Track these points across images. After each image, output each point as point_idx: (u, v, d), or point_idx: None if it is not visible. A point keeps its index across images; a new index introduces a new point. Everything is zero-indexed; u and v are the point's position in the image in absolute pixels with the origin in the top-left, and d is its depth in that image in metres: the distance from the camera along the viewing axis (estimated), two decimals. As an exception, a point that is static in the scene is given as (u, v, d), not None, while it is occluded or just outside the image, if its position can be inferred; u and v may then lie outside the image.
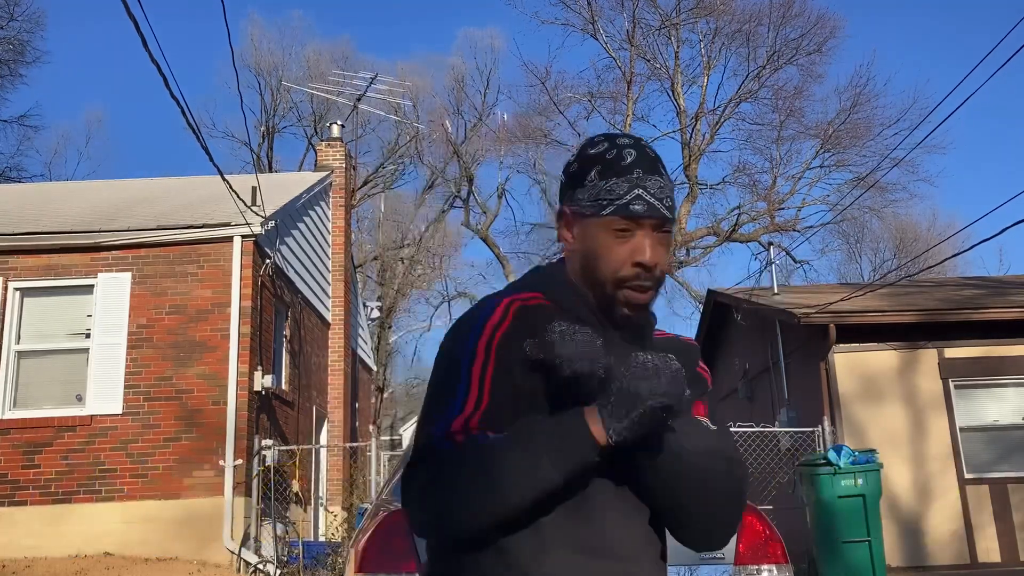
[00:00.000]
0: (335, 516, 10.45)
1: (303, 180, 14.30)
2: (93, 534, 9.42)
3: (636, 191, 1.43)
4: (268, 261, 10.84)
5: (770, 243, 18.66)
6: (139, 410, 9.87)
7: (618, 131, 1.62)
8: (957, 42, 54.78)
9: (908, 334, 11.48)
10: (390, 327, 30.35)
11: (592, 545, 1.40)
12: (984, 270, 44.47)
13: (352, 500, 10.66)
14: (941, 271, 23.70)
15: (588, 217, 1.46)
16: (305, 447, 11.50)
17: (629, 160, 1.45)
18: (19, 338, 10.26)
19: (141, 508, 9.59)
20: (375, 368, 21.53)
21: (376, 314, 23.68)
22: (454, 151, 28.21)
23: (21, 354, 10.23)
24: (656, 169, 1.46)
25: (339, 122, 16.41)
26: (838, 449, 8.90)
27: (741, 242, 23.64)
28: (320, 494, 12.60)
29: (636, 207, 1.42)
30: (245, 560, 9.45)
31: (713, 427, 1.50)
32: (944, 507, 10.97)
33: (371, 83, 18.12)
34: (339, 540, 9.90)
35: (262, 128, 30.28)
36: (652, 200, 1.43)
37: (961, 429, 11.23)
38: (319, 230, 13.99)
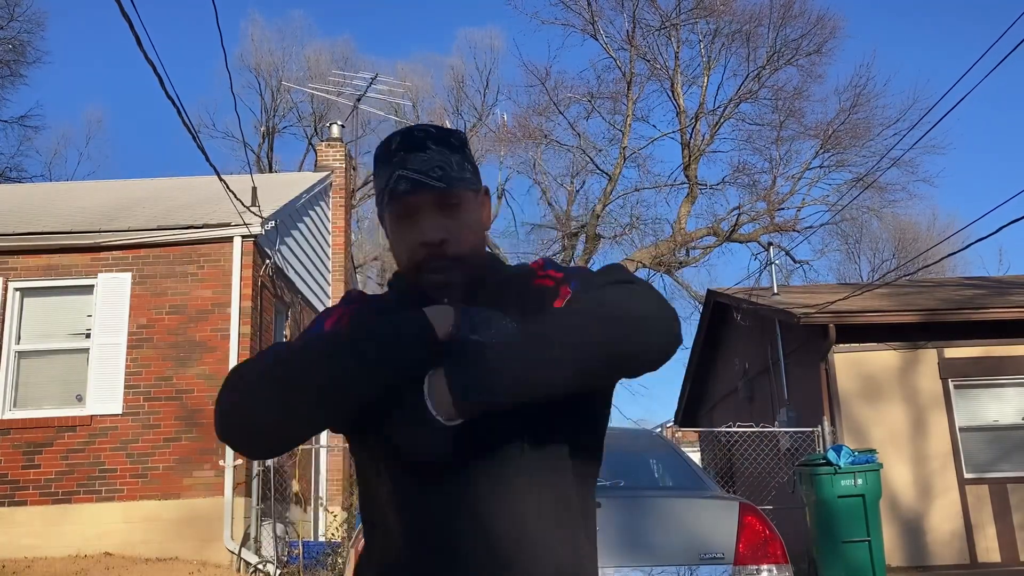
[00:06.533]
0: (335, 516, 10.44)
1: (303, 180, 14.29)
2: (93, 534, 9.42)
3: (396, 172, 1.41)
4: (268, 261, 10.85)
5: (770, 243, 18.66)
6: (139, 410, 9.87)
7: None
8: (957, 42, 54.81)
9: (908, 334, 11.49)
10: (390, 328, 30.27)
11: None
12: (984, 270, 44.55)
13: (352, 500, 10.65)
14: (940, 271, 23.69)
15: (383, 215, 1.48)
16: (305, 447, 11.49)
17: (393, 146, 1.43)
18: (19, 338, 10.26)
19: (141, 508, 9.59)
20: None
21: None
22: (454, 151, 28.22)
23: (21, 354, 10.22)
24: (421, 146, 1.42)
25: (339, 122, 16.38)
26: (838, 449, 8.90)
27: (741, 242, 23.59)
28: (320, 494, 12.59)
29: (399, 187, 1.41)
30: (245, 560, 9.45)
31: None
32: (944, 507, 10.98)
33: (371, 83, 18.08)
34: (339, 540, 9.90)
35: (262, 128, 30.28)
36: (415, 176, 1.40)
37: (961, 429, 11.24)
38: (319, 230, 13.99)
